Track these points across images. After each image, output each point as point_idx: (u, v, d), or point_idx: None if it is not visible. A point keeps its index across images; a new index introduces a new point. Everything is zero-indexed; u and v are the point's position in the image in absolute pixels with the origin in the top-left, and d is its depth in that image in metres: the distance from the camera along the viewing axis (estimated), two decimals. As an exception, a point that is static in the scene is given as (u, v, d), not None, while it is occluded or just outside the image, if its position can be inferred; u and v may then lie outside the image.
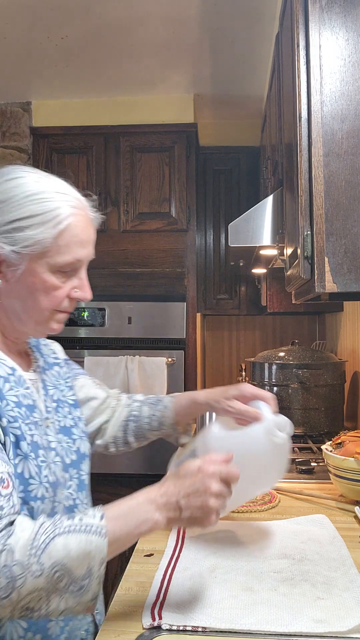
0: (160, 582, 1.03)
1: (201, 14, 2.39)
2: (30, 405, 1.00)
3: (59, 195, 0.97)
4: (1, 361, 0.98)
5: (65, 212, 0.96)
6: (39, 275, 0.96)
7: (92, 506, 1.05)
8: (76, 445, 1.09)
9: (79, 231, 0.97)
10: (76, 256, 0.98)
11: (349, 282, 1.22)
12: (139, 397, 1.35)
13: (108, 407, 1.31)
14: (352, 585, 1.00)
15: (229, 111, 3.41)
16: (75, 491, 1.05)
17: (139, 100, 3.19)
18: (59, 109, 3.24)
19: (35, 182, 0.96)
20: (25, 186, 0.95)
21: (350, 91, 1.24)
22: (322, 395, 2.23)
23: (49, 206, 0.95)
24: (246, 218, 1.94)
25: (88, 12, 2.38)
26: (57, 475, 0.99)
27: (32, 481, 0.93)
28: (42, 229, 0.94)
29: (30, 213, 0.94)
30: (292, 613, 0.91)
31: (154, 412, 1.29)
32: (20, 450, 0.93)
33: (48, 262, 0.96)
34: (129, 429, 1.30)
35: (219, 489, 0.87)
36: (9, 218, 0.94)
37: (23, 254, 0.94)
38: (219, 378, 3.77)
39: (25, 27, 2.49)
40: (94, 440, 1.28)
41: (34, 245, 0.94)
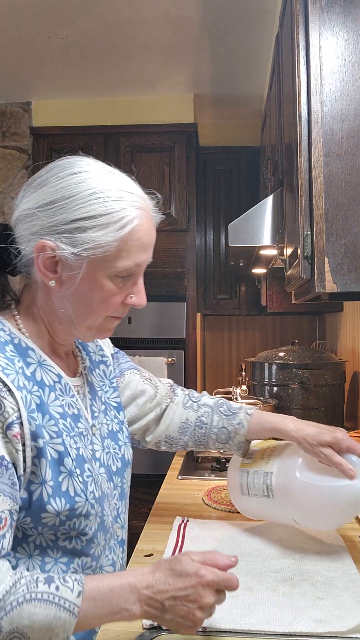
0: (160, 582, 1.03)
1: (201, 14, 2.39)
2: (76, 415, 0.94)
3: (126, 195, 0.89)
4: (48, 368, 0.92)
5: (131, 214, 0.88)
6: (97, 280, 0.89)
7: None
8: (121, 452, 1.05)
9: (142, 234, 0.90)
10: (137, 261, 0.91)
11: (349, 282, 1.23)
12: (207, 399, 1.27)
13: (157, 406, 1.25)
14: (352, 585, 1.00)
15: (229, 111, 3.41)
16: (118, 500, 1.02)
17: (139, 100, 3.19)
18: (59, 109, 3.24)
19: (100, 179, 0.89)
20: (90, 182, 0.88)
21: (350, 91, 1.24)
22: (322, 395, 2.23)
23: (115, 206, 0.88)
24: (246, 218, 1.94)
25: (88, 12, 2.38)
26: (102, 488, 0.95)
27: (77, 499, 0.88)
28: (105, 231, 0.87)
29: (94, 213, 0.87)
30: (292, 613, 0.91)
31: (225, 425, 1.22)
32: (64, 466, 0.87)
33: (107, 267, 0.89)
34: (190, 433, 1.24)
35: (211, 602, 0.78)
36: (71, 217, 0.87)
37: (82, 256, 0.87)
38: (219, 378, 3.77)
39: (25, 27, 2.49)
40: (143, 437, 1.25)
41: (96, 248, 0.87)
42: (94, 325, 0.94)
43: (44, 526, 0.85)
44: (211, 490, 1.55)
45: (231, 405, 1.26)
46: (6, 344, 0.89)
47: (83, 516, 0.88)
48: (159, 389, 1.27)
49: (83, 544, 0.90)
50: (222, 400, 1.27)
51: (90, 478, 0.91)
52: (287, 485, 1.13)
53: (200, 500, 1.49)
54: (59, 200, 0.87)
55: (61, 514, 0.85)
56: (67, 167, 0.90)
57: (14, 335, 0.91)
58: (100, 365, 1.11)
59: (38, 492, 0.84)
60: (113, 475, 1.01)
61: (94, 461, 0.95)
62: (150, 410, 1.24)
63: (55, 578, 0.76)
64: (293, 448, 1.18)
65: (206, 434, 1.23)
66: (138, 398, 1.22)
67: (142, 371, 1.28)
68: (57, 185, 0.88)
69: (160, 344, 2.98)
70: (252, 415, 1.22)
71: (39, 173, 0.92)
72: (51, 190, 0.88)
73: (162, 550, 1.16)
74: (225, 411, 1.24)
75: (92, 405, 1.01)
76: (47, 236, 0.87)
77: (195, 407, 1.26)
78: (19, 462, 0.82)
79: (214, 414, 1.24)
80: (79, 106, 3.23)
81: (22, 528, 0.85)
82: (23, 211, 0.91)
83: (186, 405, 1.27)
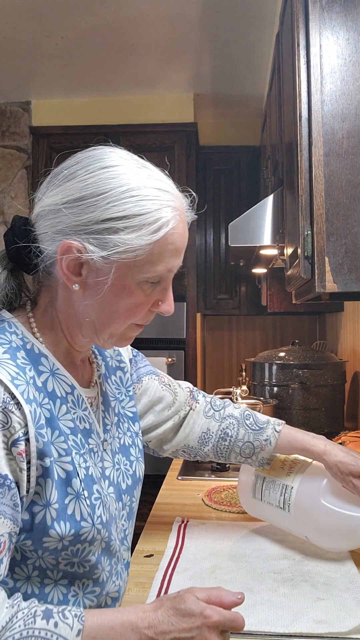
0: (160, 582, 1.02)
1: (201, 13, 2.39)
2: (87, 430, 0.88)
3: (161, 194, 0.81)
4: (60, 377, 0.86)
5: (167, 215, 0.80)
6: (125, 287, 0.82)
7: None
8: (132, 468, 0.99)
9: (176, 238, 0.83)
10: (169, 266, 0.84)
11: (350, 282, 1.22)
12: (232, 409, 1.20)
13: (176, 414, 1.18)
14: (353, 586, 1.00)
15: (229, 111, 3.41)
16: (126, 520, 0.96)
17: (139, 99, 3.19)
18: (59, 109, 3.24)
19: (134, 174, 0.81)
20: (123, 178, 0.80)
21: (351, 90, 1.24)
22: (322, 395, 2.23)
23: (150, 206, 0.79)
24: (246, 218, 1.93)
25: (88, 12, 2.37)
26: (110, 511, 0.89)
27: (84, 524, 0.81)
28: (139, 234, 0.79)
29: (128, 213, 0.78)
30: (292, 613, 0.91)
31: (251, 440, 1.16)
32: (71, 488, 0.81)
33: (137, 272, 0.81)
34: (213, 445, 1.18)
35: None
36: (102, 216, 0.78)
37: (111, 260, 0.79)
38: (219, 378, 3.76)
39: (25, 27, 2.49)
40: (160, 446, 1.19)
41: (127, 252, 0.79)
42: (117, 333, 0.87)
43: (45, 550, 0.79)
44: (211, 491, 1.55)
45: (258, 419, 1.19)
46: (18, 349, 0.81)
47: (88, 542, 0.82)
48: (177, 395, 1.20)
49: (86, 569, 0.84)
50: (248, 412, 1.21)
51: (98, 501, 0.85)
52: (308, 507, 1.11)
53: (200, 501, 1.49)
54: (88, 197, 0.79)
55: (65, 539, 0.79)
56: (98, 160, 0.82)
57: (27, 340, 0.84)
58: (116, 371, 1.05)
59: (41, 515, 0.78)
60: (122, 493, 0.95)
61: (103, 480, 0.89)
62: (168, 418, 1.17)
63: (54, 612, 0.71)
64: (317, 466, 1.15)
65: (229, 447, 1.17)
66: (155, 405, 1.15)
67: (161, 376, 1.20)
68: (87, 180, 0.80)
69: (160, 344, 2.98)
70: (280, 432, 1.16)
71: (66, 164, 0.84)
72: (80, 185, 0.80)
73: (162, 551, 1.16)
74: (251, 424, 1.17)
75: (104, 418, 0.95)
76: (74, 236, 0.79)
77: (217, 416, 1.19)
78: (22, 481, 0.75)
79: (239, 427, 1.17)
80: (79, 106, 3.23)
81: (22, 550, 0.79)
82: (47, 206, 0.82)
83: (207, 414, 1.20)
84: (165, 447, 1.20)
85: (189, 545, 1.19)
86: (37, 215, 0.84)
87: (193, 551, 1.16)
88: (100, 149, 0.85)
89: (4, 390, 0.74)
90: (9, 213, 3.27)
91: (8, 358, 0.78)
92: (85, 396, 0.90)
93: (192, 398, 1.22)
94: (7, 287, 0.86)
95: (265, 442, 1.16)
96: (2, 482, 0.73)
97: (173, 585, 1.01)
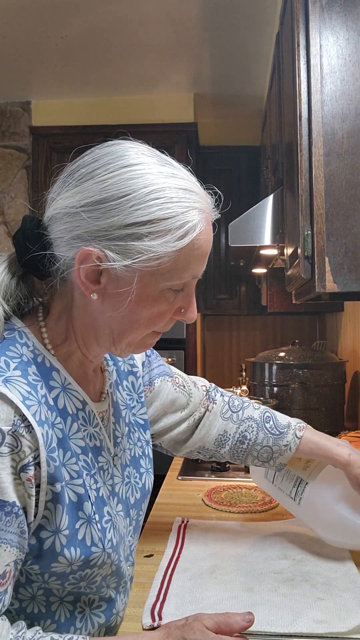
0: (160, 582, 1.02)
1: (201, 14, 2.39)
2: (97, 448, 0.84)
3: (187, 194, 0.75)
4: (72, 393, 0.81)
5: (194, 219, 0.74)
6: (147, 295, 0.75)
7: None
8: (142, 481, 0.95)
9: (202, 243, 0.77)
10: (194, 273, 0.78)
11: (350, 281, 1.22)
12: (252, 412, 1.15)
13: (190, 416, 1.14)
14: (353, 586, 1.00)
15: (229, 111, 3.41)
16: (132, 536, 0.92)
17: (139, 99, 3.19)
18: (59, 109, 3.24)
19: (158, 173, 0.75)
20: (147, 178, 0.73)
21: (351, 90, 1.24)
22: (322, 395, 2.22)
23: (176, 210, 0.73)
24: (246, 218, 1.93)
25: (88, 12, 2.37)
26: (119, 531, 0.85)
27: (94, 549, 0.77)
28: (164, 240, 0.73)
29: (153, 217, 0.72)
30: (292, 614, 0.91)
31: (270, 444, 1.11)
32: (83, 512, 0.77)
33: (161, 280, 0.75)
34: (230, 447, 1.14)
35: None
36: (126, 221, 0.72)
37: (134, 268, 0.73)
38: (219, 378, 3.76)
39: (25, 27, 2.49)
40: (175, 448, 1.16)
41: (151, 259, 0.73)
42: (135, 342, 0.81)
43: (52, 574, 0.76)
44: (211, 491, 1.55)
45: (278, 422, 1.13)
46: (29, 364, 0.76)
47: (97, 566, 0.79)
48: (192, 397, 1.15)
49: (92, 590, 0.81)
50: (269, 413, 1.15)
51: (109, 524, 0.81)
52: (320, 507, 1.10)
53: (200, 501, 1.49)
54: (109, 200, 0.72)
55: (74, 564, 0.76)
56: (119, 157, 0.75)
57: (38, 352, 0.78)
58: (128, 376, 1.00)
59: (50, 541, 0.74)
60: (130, 508, 0.91)
61: (112, 498, 0.85)
62: (181, 420, 1.13)
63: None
64: (335, 469, 1.12)
65: (247, 451, 1.13)
66: (168, 409, 1.11)
67: (175, 376, 1.15)
68: (108, 180, 0.73)
69: (160, 344, 2.95)
70: (302, 437, 1.11)
71: (83, 161, 0.77)
72: (100, 186, 0.73)
73: (162, 551, 1.16)
74: (271, 428, 1.12)
75: (115, 430, 0.90)
76: (93, 242, 0.73)
77: (235, 418, 1.14)
78: (30, 507, 0.71)
79: (259, 431, 1.12)
80: (79, 106, 3.23)
81: (27, 573, 0.75)
82: (62, 208, 0.75)
83: (225, 416, 1.14)
84: (180, 448, 1.16)
85: (189, 545, 1.19)
86: (51, 218, 0.76)
87: (193, 551, 1.16)
88: (120, 144, 0.78)
89: (14, 412, 0.69)
90: (8, 213, 3.27)
91: (19, 375, 0.73)
92: (96, 412, 0.85)
93: (208, 398, 1.17)
94: (19, 294, 0.80)
95: (285, 448, 1.11)
96: (9, 509, 0.68)
97: (173, 585, 1.01)
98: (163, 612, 0.91)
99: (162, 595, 0.97)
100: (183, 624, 0.74)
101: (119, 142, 0.78)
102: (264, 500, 1.46)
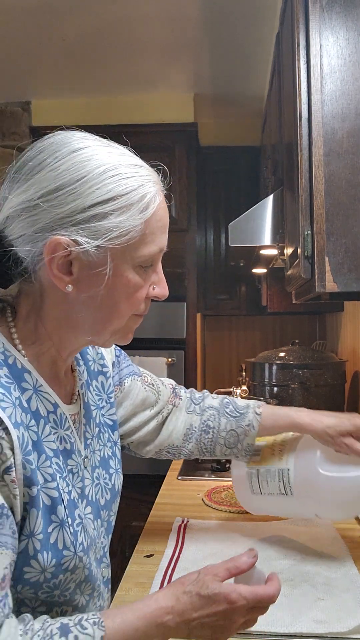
0: (160, 582, 1.02)
1: (201, 13, 2.39)
2: (68, 451, 0.83)
3: (139, 169, 0.77)
4: (43, 395, 0.80)
5: (151, 190, 0.77)
6: (122, 275, 0.77)
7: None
8: (112, 482, 0.94)
9: (162, 213, 0.79)
10: (160, 245, 0.80)
11: (350, 281, 1.22)
12: (211, 401, 1.17)
13: (159, 413, 1.16)
14: (353, 586, 1.00)
15: (229, 111, 3.41)
16: (104, 537, 0.91)
17: (139, 99, 3.19)
18: (59, 109, 3.23)
19: (107, 152, 0.76)
20: (98, 158, 0.74)
21: (351, 90, 1.24)
22: (322, 395, 2.22)
23: (133, 184, 0.75)
24: (246, 218, 1.93)
25: (88, 12, 2.37)
26: (90, 534, 0.84)
27: (66, 552, 0.77)
28: (129, 214, 0.74)
29: (113, 194, 0.73)
30: (292, 614, 0.91)
31: (234, 427, 1.13)
32: (56, 515, 0.76)
33: (132, 257, 0.77)
34: (196, 440, 1.15)
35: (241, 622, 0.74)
36: (87, 202, 0.73)
37: (105, 248, 0.74)
38: (219, 378, 3.76)
39: (25, 27, 2.49)
40: (142, 448, 1.16)
41: (121, 236, 0.74)
42: (119, 328, 0.81)
43: (25, 584, 0.75)
44: (211, 491, 1.55)
45: (237, 405, 1.16)
46: (0, 366, 0.75)
47: (69, 571, 0.78)
48: (161, 395, 1.17)
49: (66, 598, 0.80)
50: (227, 399, 1.18)
51: (80, 526, 0.81)
52: (308, 481, 1.10)
53: (200, 501, 1.49)
54: (67, 185, 0.73)
55: (46, 571, 0.75)
56: (64, 144, 0.75)
57: (9, 354, 0.78)
58: (98, 376, 0.99)
59: (23, 545, 0.73)
60: (101, 510, 0.90)
61: (81, 501, 0.85)
62: (150, 418, 1.15)
63: (71, 626, 0.67)
64: (306, 440, 1.14)
65: (214, 439, 1.15)
66: (138, 408, 1.13)
67: (144, 375, 1.17)
68: (60, 167, 0.73)
69: (160, 344, 2.98)
70: (261, 413, 1.14)
71: (28, 156, 0.76)
72: (53, 174, 0.73)
73: (162, 551, 1.16)
74: (232, 412, 1.15)
75: (85, 432, 0.90)
76: (61, 230, 0.73)
77: (198, 410, 1.16)
78: (16, 507, 0.71)
79: (220, 417, 1.14)
80: (79, 106, 3.22)
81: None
82: (18, 205, 0.74)
83: (189, 410, 1.17)
84: (148, 448, 1.16)
85: (189, 545, 1.19)
86: (8, 218, 0.75)
87: (193, 551, 1.16)
88: (61, 133, 0.78)
89: None
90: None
91: None
92: (68, 414, 0.84)
93: (175, 395, 1.19)
94: None
95: (248, 427, 1.13)
96: (0, 512, 0.68)
97: (173, 585, 1.01)
98: (163, 612, 0.91)
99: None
100: (196, 579, 0.75)
101: (60, 132, 0.78)
102: (264, 500, 1.46)
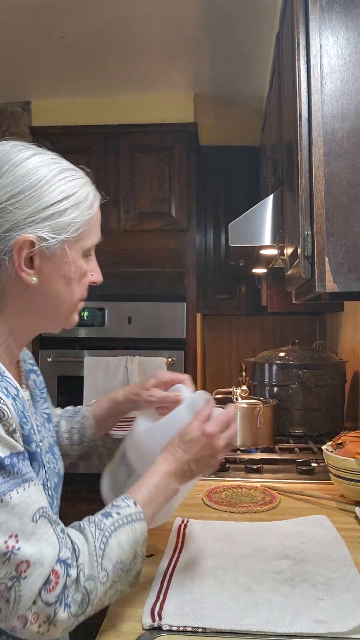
0: (161, 582, 1.02)
1: (201, 13, 2.39)
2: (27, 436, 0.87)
3: (75, 172, 0.90)
4: (8, 380, 0.85)
5: (90, 189, 0.90)
6: (75, 263, 0.89)
7: None
8: (58, 466, 1.02)
9: (98, 210, 0.93)
10: (98, 236, 0.93)
11: (350, 281, 1.22)
12: (58, 410, 1.27)
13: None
14: (353, 586, 1.00)
15: (229, 111, 3.41)
16: None
17: (138, 99, 3.19)
18: (59, 109, 3.23)
19: (50, 159, 0.88)
20: (45, 165, 0.86)
21: (351, 90, 1.24)
22: (322, 395, 2.23)
23: (77, 184, 0.88)
24: (246, 218, 1.93)
25: (88, 12, 2.37)
26: None
27: None
28: (80, 211, 0.87)
29: (65, 194, 0.85)
30: (292, 614, 0.91)
31: (72, 425, 1.21)
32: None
33: (81, 246, 0.90)
34: None
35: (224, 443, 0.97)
36: (46, 202, 0.84)
37: (61, 240, 0.86)
38: (219, 378, 3.76)
39: (25, 27, 2.49)
40: None
41: (77, 230, 0.87)
42: (71, 312, 0.94)
43: None
44: (211, 491, 1.55)
45: (75, 408, 1.26)
46: None
47: None
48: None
49: None
50: (68, 407, 1.27)
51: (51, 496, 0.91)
52: (137, 446, 1.11)
53: (200, 501, 1.49)
54: (27, 189, 0.83)
55: None
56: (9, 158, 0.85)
57: None
58: (30, 374, 1.06)
59: None
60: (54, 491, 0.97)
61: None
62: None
63: (108, 509, 0.86)
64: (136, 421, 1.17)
65: (60, 443, 1.18)
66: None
67: None
68: (16, 173, 0.84)
69: (160, 344, 2.98)
70: (91, 404, 1.23)
71: None
72: (11, 179, 0.83)
73: (162, 551, 1.16)
74: (70, 413, 1.24)
75: (36, 419, 0.97)
76: (27, 229, 0.83)
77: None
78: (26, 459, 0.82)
79: (61, 420, 1.22)
80: (79, 105, 3.22)
81: None
82: None
83: None
84: None
85: (189, 545, 1.19)
86: None
87: (193, 551, 1.16)
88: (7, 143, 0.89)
89: None
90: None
91: None
92: (25, 399, 0.90)
93: None
94: None
95: (83, 420, 1.22)
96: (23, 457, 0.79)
97: (173, 585, 1.01)
98: (163, 612, 0.91)
99: (162, 595, 0.97)
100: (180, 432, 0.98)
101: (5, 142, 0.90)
102: (264, 500, 1.46)
